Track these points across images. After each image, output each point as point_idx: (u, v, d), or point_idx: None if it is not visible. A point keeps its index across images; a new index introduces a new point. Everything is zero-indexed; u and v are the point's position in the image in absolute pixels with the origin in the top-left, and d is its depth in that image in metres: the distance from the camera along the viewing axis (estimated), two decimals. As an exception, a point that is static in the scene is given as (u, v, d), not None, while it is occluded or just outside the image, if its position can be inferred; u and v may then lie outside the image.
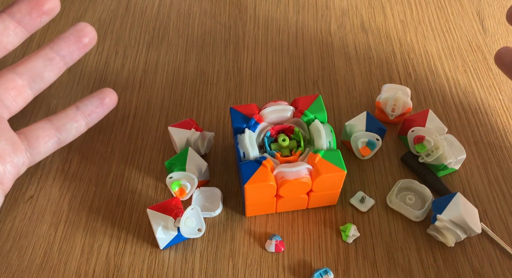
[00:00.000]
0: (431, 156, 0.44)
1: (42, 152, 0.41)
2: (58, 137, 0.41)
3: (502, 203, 0.44)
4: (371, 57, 0.56)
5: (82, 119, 0.42)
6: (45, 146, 0.41)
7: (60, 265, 0.41)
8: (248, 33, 0.59)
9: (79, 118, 0.42)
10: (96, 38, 0.40)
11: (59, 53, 0.40)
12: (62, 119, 0.41)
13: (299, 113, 0.42)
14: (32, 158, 0.40)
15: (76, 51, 0.40)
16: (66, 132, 0.42)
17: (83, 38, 0.40)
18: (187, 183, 0.42)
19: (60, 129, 0.41)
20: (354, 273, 0.40)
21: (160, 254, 0.41)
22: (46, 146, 0.41)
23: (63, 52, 0.40)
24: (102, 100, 0.42)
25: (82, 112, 0.42)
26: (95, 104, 0.42)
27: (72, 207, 0.44)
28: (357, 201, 0.44)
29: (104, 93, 0.43)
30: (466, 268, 0.41)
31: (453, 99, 0.52)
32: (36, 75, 0.40)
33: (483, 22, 0.60)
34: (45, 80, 0.40)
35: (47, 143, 0.41)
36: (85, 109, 0.42)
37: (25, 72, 0.39)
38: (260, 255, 0.41)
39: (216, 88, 0.53)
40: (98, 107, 0.42)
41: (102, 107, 0.42)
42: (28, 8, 0.37)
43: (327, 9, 0.62)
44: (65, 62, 0.40)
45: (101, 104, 0.42)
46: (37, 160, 0.41)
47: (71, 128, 0.42)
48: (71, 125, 0.41)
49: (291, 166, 0.39)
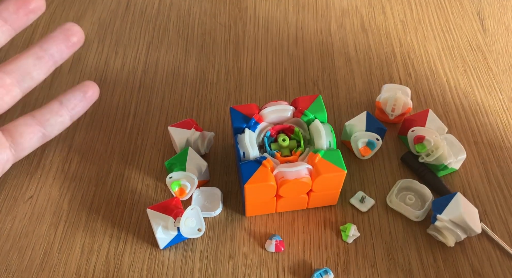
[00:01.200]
0: (431, 156, 0.44)
1: (27, 148, 0.41)
2: (43, 132, 0.41)
3: (502, 203, 0.44)
4: (371, 57, 0.56)
5: (66, 114, 0.42)
6: (29, 142, 0.41)
7: (60, 265, 0.41)
8: (248, 33, 0.59)
9: (63, 113, 0.42)
10: (83, 38, 0.41)
11: (48, 52, 0.40)
12: (46, 114, 0.41)
13: (299, 113, 0.42)
14: (17, 154, 0.40)
15: (65, 50, 0.40)
16: (51, 127, 0.41)
17: (71, 37, 0.40)
18: (187, 183, 0.42)
19: (45, 124, 0.41)
20: (354, 273, 0.40)
21: (160, 254, 0.41)
22: (30, 141, 0.41)
23: (52, 50, 0.40)
24: (85, 94, 0.42)
25: (66, 106, 0.42)
26: (78, 98, 0.42)
27: (72, 207, 0.44)
28: (357, 201, 0.44)
29: (87, 86, 0.42)
30: (466, 268, 0.41)
31: (453, 99, 0.52)
32: (25, 74, 0.39)
33: (483, 22, 0.60)
34: (34, 79, 0.40)
35: (32, 138, 0.41)
36: (68, 104, 0.42)
37: (14, 71, 0.39)
38: (260, 255, 0.41)
39: (216, 88, 0.53)
40: (81, 101, 0.42)
41: (85, 101, 0.42)
42: (15, 7, 0.37)
43: (327, 9, 0.62)
44: (54, 61, 0.40)
45: (84, 98, 0.42)
46: (22, 155, 0.41)
47: (55, 123, 0.41)
48: (55, 120, 0.41)
49: (291, 165, 0.39)
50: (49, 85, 0.54)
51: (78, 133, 0.50)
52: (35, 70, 0.40)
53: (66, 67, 0.55)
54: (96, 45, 0.58)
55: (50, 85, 0.54)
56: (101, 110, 0.52)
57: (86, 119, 0.51)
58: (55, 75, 0.55)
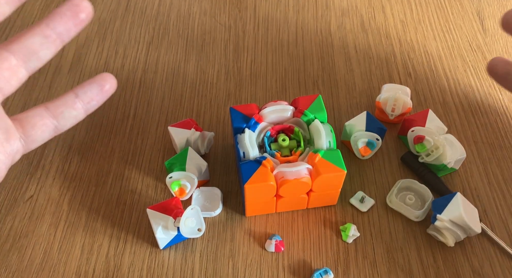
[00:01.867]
0: (431, 155, 0.44)
1: (38, 140, 0.40)
2: (55, 125, 0.40)
3: (502, 203, 0.44)
4: (371, 57, 0.56)
5: (81, 107, 0.41)
6: (41, 134, 0.40)
7: (60, 265, 0.41)
8: (248, 33, 0.59)
9: (78, 106, 0.41)
10: (92, 13, 0.39)
11: (56, 30, 0.39)
12: (60, 106, 0.40)
13: (299, 113, 0.42)
14: (27, 146, 0.40)
15: (72, 27, 0.39)
16: (64, 120, 0.41)
17: (80, 14, 0.37)
18: (187, 183, 0.42)
19: (58, 117, 0.40)
20: (354, 273, 0.40)
21: (160, 254, 0.41)
22: (42, 134, 0.40)
23: (59, 29, 0.39)
24: (102, 87, 0.40)
25: (81, 99, 0.41)
26: (95, 91, 0.41)
27: (72, 207, 0.44)
28: (357, 201, 0.44)
29: (104, 80, 0.41)
30: (466, 268, 0.41)
31: (453, 99, 0.52)
32: (31, 54, 0.38)
33: (483, 22, 0.60)
34: (41, 59, 0.39)
35: (44, 131, 0.40)
36: (84, 97, 0.41)
37: (20, 51, 0.38)
38: (260, 255, 0.41)
39: (216, 88, 0.53)
40: (98, 95, 0.40)
41: (102, 94, 0.41)
42: None
43: (327, 9, 0.62)
44: (62, 39, 0.39)
45: (101, 91, 0.41)
46: (32, 147, 0.40)
47: (69, 117, 0.41)
48: (69, 113, 0.40)
49: (291, 165, 0.39)
50: (49, 85, 0.54)
51: (78, 133, 0.50)
52: (42, 50, 0.38)
53: (66, 67, 0.55)
54: (96, 45, 0.58)
55: (50, 85, 0.54)
56: (101, 110, 0.52)
57: (86, 119, 0.51)
58: (55, 75, 0.55)
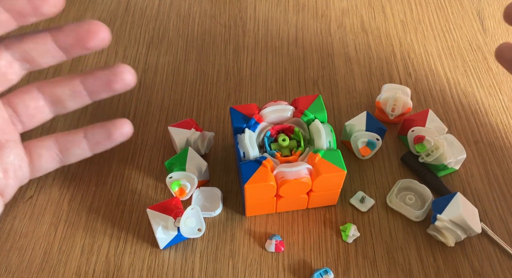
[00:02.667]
0: (431, 155, 0.44)
1: (42, 170, 0.41)
2: (61, 159, 0.41)
3: (502, 203, 0.44)
4: (371, 57, 0.56)
5: (87, 148, 0.41)
6: (45, 165, 0.41)
7: (60, 265, 0.41)
8: (248, 33, 0.59)
9: (84, 146, 0.40)
10: (131, 85, 0.38)
11: (88, 89, 0.38)
12: (68, 143, 0.40)
13: (299, 113, 0.42)
14: (32, 174, 0.41)
15: (103, 93, 0.39)
16: (69, 156, 0.41)
17: (115, 84, 0.37)
18: (187, 183, 0.42)
19: (64, 153, 0.40)
20: (354, 273, 0.40)
21: (160, 254, 0.41)
22: (47, 165, 0.41)
23: (91, 89, 0.38)
24: (111, 135, 0.40)
25: (89, 140, 0.40)
26: (103, 136, 0.40)
27: (72, 207, 0.44)
28: (357, 201, 0.44)
29: (115, 127, 0.40)
30: (466, 268, 0.41)
31: (453, 99, 0.52)
32: (59, 102, 0.39)
33: (483, 22, 0.60)
34: (67, 108, 0.40)
35: (49, 162, 0.41)
36: (92, 139, 0.40)
37: (50, 95, 0.38)
38: (260, 255, 0.41)
39: (216, 88, 0.53)
40: (105, 140, 0.40)
41: (109, 141, 0.40)
42: None
43: (327, 9, 0.62)
44: (91, 98, 0.39)
45: (108, 139, 0.40)
46: (36, 175, 0.41)
47: (75, 154, 0.41)
48: (75, 151, 0.41)
49: (291, 165, 0.39)
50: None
51: (78, 133, 0.50)
52: (69, 101, 0.39)
53: (66, 68, 0.55)
54: (96, 45, 0.58)
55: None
56: (101, 110, 0.52)
57: (86, 119, 0.51)
58: (55, 76, 0.55)
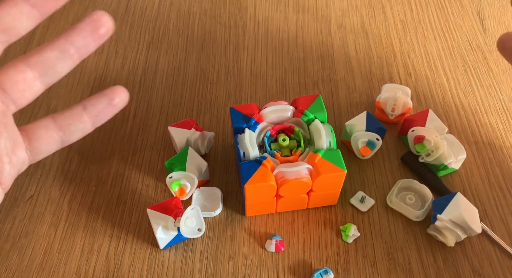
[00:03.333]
0: (431, 155, 0.44)
1: (44, 152, 0.40)
2: (62, 137, 0.40)
3: (502, 203, 0.44)
4: (371, 57, 0.56)
5: (88, 120, 0.41)
6: (47, 146, 0.40)
7: (60, 265, 0.41)
8: (248, 33, 0.59)
9: (85, 119, 0.40)
10: (113, 29, 0.38)
11: (74, 44, 0.38)
12: (67, 119, 0.40)
13: (299, 113, 0.42)
14: (33, 157, 0.40)
15: (91, 42, 0.39)
16: (71, 133, 0.40)
17: (99, 29, 0.37)
18: (187, 183, 0.42)
19: (65, 130, 0.40)
20: (354, 273, 0.40)
21: (160, 254, 0.41)
22: (48, 146, 0.40)
23: (78, 43, 0.38)
24: (111, 101, 0.40)
25: (89, 112, 0.40)
26: (103, 105, 0.40)
27: (72, 207, 0.44)
28: (357, 201, 0.44)
29: (114, 93, 0.40)
30: (466, 268, 0.41)
31: (453, 99, 0.52)
32: (48, 68, 0.38)
33: (483, 22, 0.60)
34: (58, 73, 0.39)
35: (50, 143, 0.40)
36: (92, 110, 0.40)
37: (38, 64, 0.38)
38: (260, 255, 0.41)
39: (216, 88, 0.53)
40: (106, 108, 0.40)
41: (110, 108, 0.40)
42: None
43: (327, 9, 0.62)
44: (80, 54, 0.39)
45: (109, 105, 0.40)
46: (38, 159, 0.40)
47: (76, 130, 0.40)
48: (76, 126, 0.40)
49: (291, 165, 0.39)
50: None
51: (78, 133, 0.50)
52: (59, 64, 0.38)
53: (66, 67, 0.55)
54: (96, 45, 0.58)
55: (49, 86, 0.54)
56: (101, 110, 0.52)
57: (86, 119, 0.51)
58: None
